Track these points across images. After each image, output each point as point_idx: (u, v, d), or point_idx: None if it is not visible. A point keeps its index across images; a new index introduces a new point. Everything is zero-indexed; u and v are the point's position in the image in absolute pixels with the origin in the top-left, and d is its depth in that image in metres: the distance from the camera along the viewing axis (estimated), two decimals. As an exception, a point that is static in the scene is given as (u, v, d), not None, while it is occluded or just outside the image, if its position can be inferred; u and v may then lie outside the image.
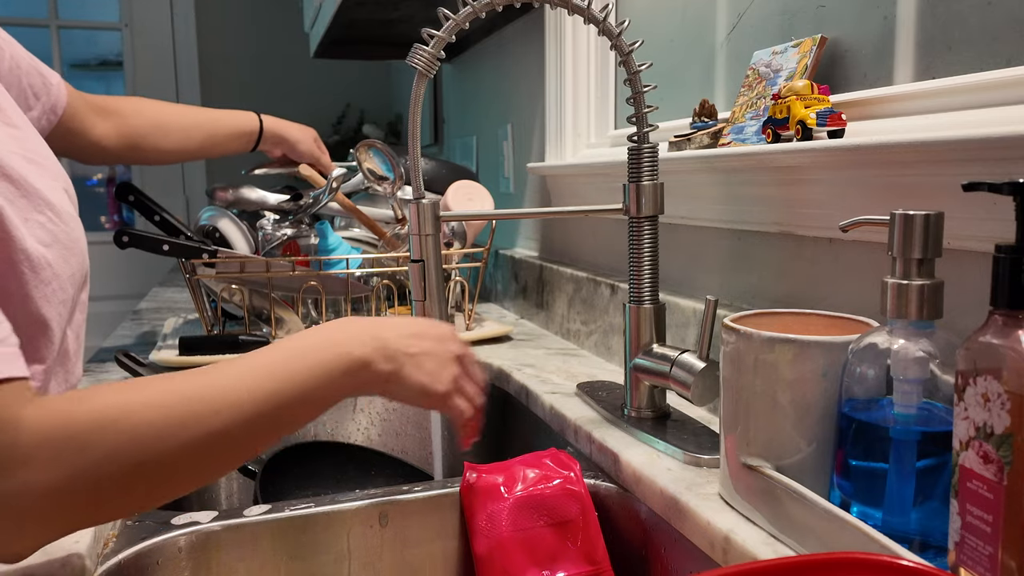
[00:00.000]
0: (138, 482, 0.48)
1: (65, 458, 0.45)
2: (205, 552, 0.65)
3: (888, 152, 0.61)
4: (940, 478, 0.48)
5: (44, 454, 0.44)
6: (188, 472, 0.51)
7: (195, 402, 0.49)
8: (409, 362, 0.60)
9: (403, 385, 0.60)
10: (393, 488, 0.72)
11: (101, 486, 0.46)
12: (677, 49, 1.03)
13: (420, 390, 0.60)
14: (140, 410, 0.48)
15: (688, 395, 0.73)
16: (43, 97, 0.85)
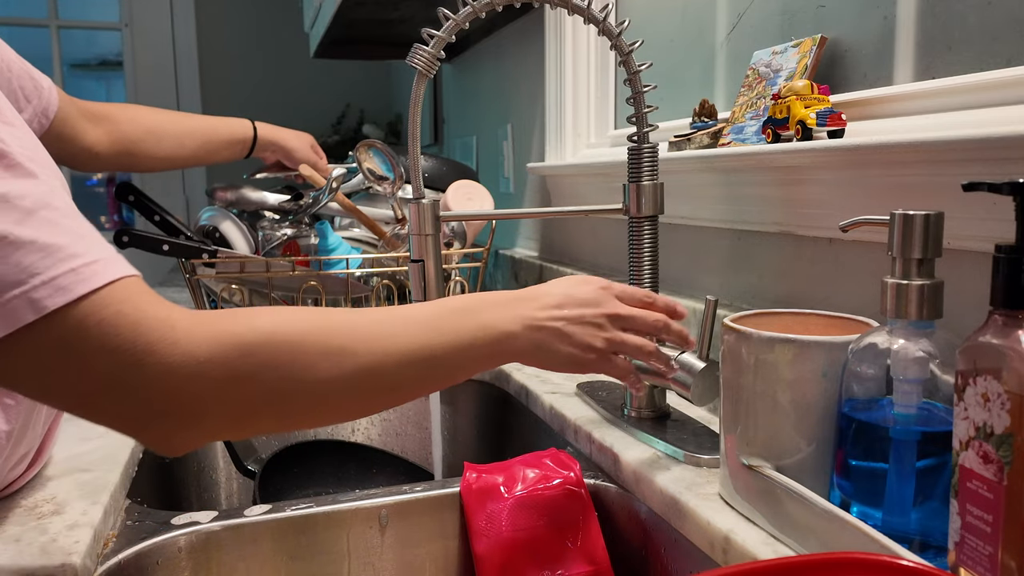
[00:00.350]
0: (292, 400, 0.50)
1: (230, 360, 0.47)
2: (205, 552, 0.65)
3: (888, 152, 0.61)
4: (940, 478, 0.48)
5: (209, 354, 0.46)
6: (335, 402, 0.52)
7: (353, 335, 0.51)
8: (554, 335, 0.60)
9: (552, 357, 0.60)
10: (393, 488, 0.72)
11: (257, 396, 0.48)
12: (677, 49, 1.03)
13: (569, 360, 0.61)
14: (303, 331, 0.50)
15: (688, 395, 0.73)
16: (34, 100, 0.85)
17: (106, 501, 0.65)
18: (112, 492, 0.67)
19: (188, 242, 1.12)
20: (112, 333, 0.44)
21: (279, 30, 3.11)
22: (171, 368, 0.45)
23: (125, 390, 0.45)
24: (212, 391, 0.46)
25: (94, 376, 0.44)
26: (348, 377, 0.51)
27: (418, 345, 0.54)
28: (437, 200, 0.74)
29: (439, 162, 1.41)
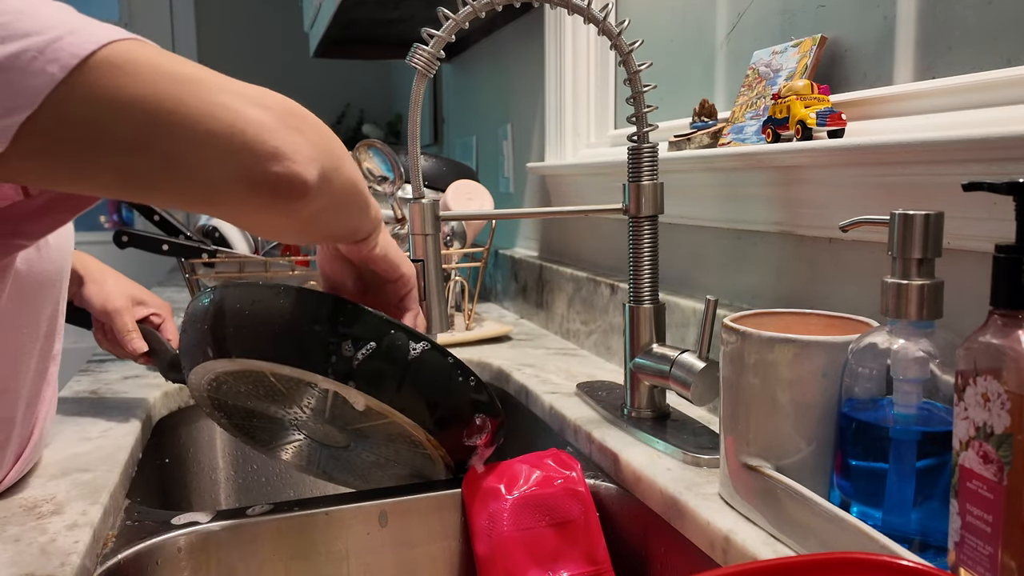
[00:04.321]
0: (346, 209, 0.55)
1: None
2: (205, 552, 0.65)
3: (888, 152, 0.61)
4: (940, 478, 0.48)
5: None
6: (354, 220, 0.59)
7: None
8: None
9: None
10: (393, 488, 0.72)
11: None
12: (677, 49, 1.03)
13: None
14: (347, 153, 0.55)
15: (688, 395, 0.73)
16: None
17: (106, 501, 0.65)
18: (112, 492, 0.67)
19: (187, 242, 1.12)
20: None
21: (279, 30, 3.11)
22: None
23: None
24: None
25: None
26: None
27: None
28: (437, 200, 0.74)
29: (439, 162, 1.41)
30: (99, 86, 0.40)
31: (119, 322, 0.88)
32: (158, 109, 0.41)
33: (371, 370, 0.62)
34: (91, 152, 0.41)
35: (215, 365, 0.66)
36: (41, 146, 0.40)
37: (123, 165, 0.41)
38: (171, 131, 0.41)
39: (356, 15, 1.68)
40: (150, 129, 0.41)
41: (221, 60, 3.10)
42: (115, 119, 0.40)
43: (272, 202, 0.45)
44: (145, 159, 0.41)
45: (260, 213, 0.47)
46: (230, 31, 3.12)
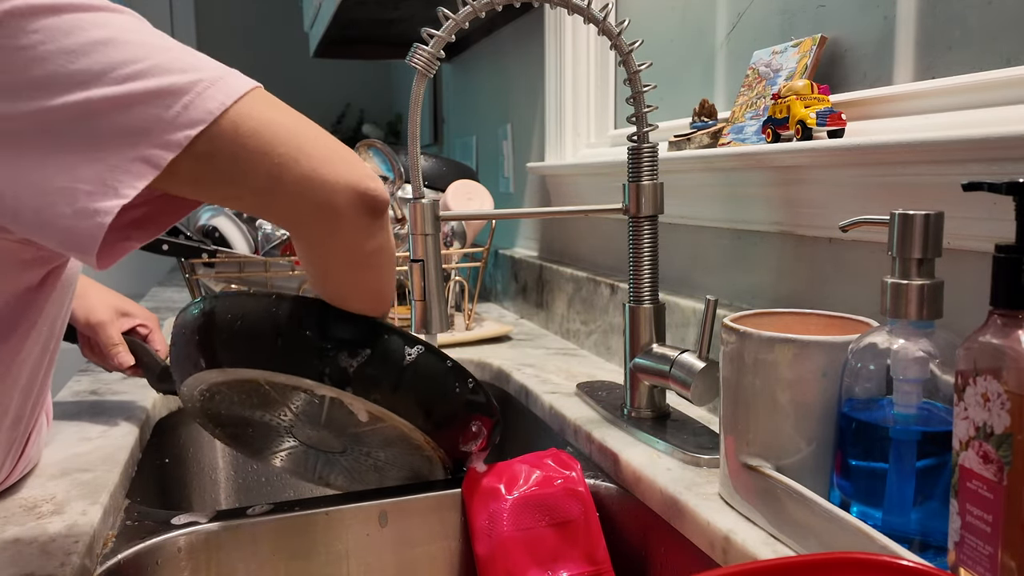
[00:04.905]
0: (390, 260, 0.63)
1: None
2: (205, 552, 0.65)
3: (888, 152, 0.61)
4: (940, 478, 0.48)
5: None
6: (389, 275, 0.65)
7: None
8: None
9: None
10: (393, 488, 0.72)
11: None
12: (677, 49, 1.03)
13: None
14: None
15: (688, 395, 0.73)
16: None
17: (106, 501, 0.65)
18: (112, 492, 0.67)
19: (187, 242, 1.12)
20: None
21: (279, 30, 3.10)
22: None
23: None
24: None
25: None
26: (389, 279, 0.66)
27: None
28: (437, 200, 0.74)
29: (439, 162, 1.41)
30: (258, 114, 0.51)
31: (104, 335, 0.88)
32: (302, 136, 0.53)
33: (367, 375, 0.62)
34: (249, 163, 0.51)
35: (207, 376, 0.65)
36: (205, 157, 0.49)
37: (273, 170, 0.52)
38: (311, 151, 0.53)
39: (356, 15, 1.68)
40: (297, 149, 0.52)
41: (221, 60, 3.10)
42: (272, 138, 0.51)
43: (366, 214, 0.56)
44: (291, 170, 0.52)
45: (354, 228, 0.57)
46: (230, 31, 3.11)
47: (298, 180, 0.53)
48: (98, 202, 0.46)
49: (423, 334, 0.76)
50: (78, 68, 0.46)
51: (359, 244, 0.58)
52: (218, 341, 0.64)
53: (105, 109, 0.46)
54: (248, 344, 0.63)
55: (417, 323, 0.75)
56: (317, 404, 0.68)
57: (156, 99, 0.47)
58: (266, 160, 0.51)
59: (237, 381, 0.66)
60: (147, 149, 0.47)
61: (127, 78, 0.47)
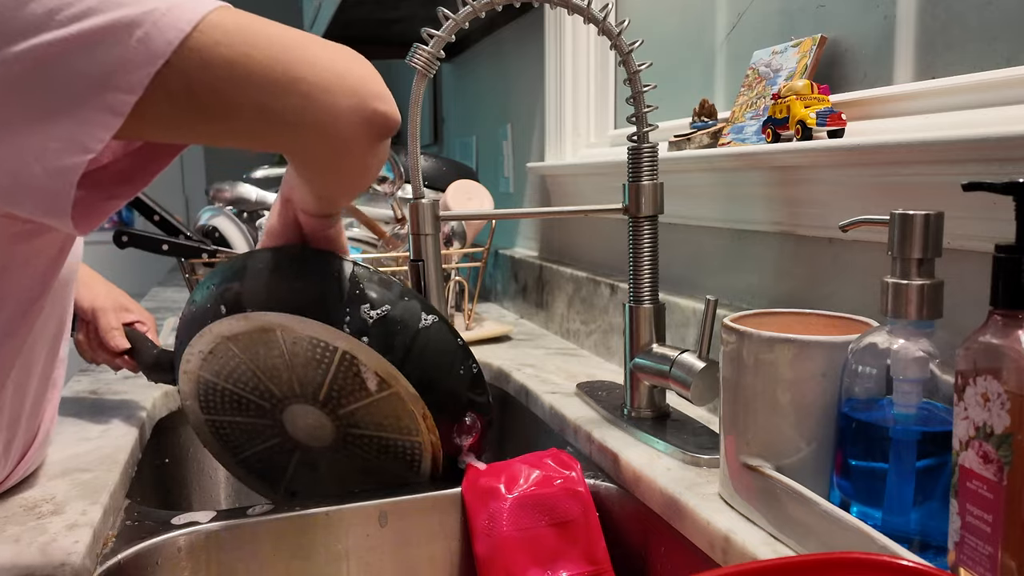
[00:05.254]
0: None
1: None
2: (205, 552, 0.65)
3: (888, 152, 0.61)
4: (940, 478, 0.48)
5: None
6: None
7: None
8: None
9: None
10: (393, 488, 0.72)
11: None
12: (677, 49, 1.03)
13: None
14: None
15: (688, 395, 0.73)
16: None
17: (106, 501, 0.65)
18: (112, 492, 0.67)
19: (188, 242, 1.12)
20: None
21: (279, 30, 3.10)
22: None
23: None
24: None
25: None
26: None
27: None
28: (437, 200, 0.74)
29: (439, 162, 1.41)
30: (226, 36, 0.45)
31: (104, 320, 0.89)
32: (289, 54, 0.46)
33: (385, 331, 0.64)
34: (230, 91, 0.45)
35: (222, 327, 0.67)
36: (174, 95, 0.44)
37: (261, 101, 0.46)
38: (301, 68, 0.46)
39: (356, 15, 1.68)
40: (286, 70, 0.46)
41: (221, 60, 3.11)
42: (250, 61, 0.45)
43: (376, 136, 0.51)
44: (283, 95, 0.46)
45: (362, 149, 0.52)
46: (230, 31, 3.11)
47: (293, 110, 0.47)
48: (66, 159, 0.43)
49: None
50: (24, 14, 0.42)
51: (364, 164, 0.55)
52: (246, 286, 0.66)
53: (58, 55, 0.42)
54: (275, 288, 0.65)
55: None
56: (324, 368, 0.68)
57: (110, 36, 0.42)
58: (249, 91, 0.45)
59: (249, 335, 0.67)
60: (110, 94, 0.43)
61: (75, 18, 0.42)
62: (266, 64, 0.45)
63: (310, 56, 0.47)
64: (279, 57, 0.46)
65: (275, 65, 0.46)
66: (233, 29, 0.45)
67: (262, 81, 0.45)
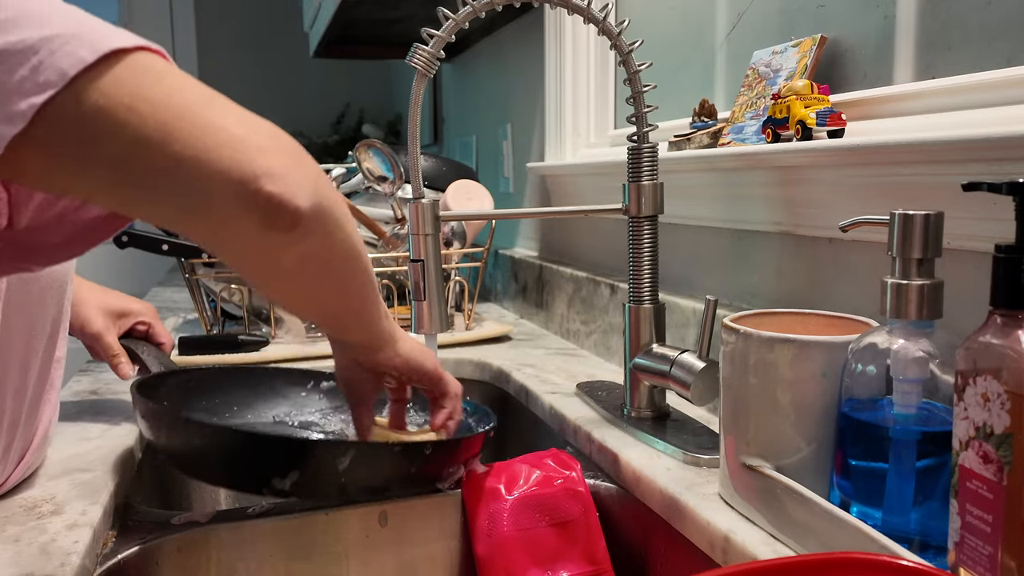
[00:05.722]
0: (341, 274, 0.54)
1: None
2: (205, 552, 0.65)
3: (888, 152, 0.61)
4: (940, 478, 0.48)
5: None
6: (352, 291, 0.57)
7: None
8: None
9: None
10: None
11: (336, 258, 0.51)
12: (677, 49, 1.03)
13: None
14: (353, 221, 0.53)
15: (688, 395, 0.73)
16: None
17: (105, 501, 0.65)
18: (112, 492, 0.67)
19: (188, 242, 1.12)
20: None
21: (279, 30, 3.11)
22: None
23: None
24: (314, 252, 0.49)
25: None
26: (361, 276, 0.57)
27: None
28: (437, 200, 0.74)
29: (439, 162, 1.41)
30: (123, 79, 0.40)
31: (102, 346, 0.87)
32: (173, 112, 0.41)
33: (305, 490, 0.64)
34: (100, 143, 0.40)
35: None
36: (55, 132, 0.40)
37: (127, 160, 0.41)
38: (180, 134, 0.41)
39: (356, 15, 1.68)
40: (161, 130, 0.41)
41: (221, 60, 3.11)
42: (130, 114, 0.40)
43: (261, 224, 0.44)
44: (149, 157, 0.41)
45: (248, 239, 0.45)
46: (230, 31, 3.12)
47: (163, 182, 0.41)
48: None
49: (422, 333, 0.76)
50: None
51: (266, 257, 0.47)
52: (169, 456, 0.69)
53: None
54: (196, 463, 0.68)
55: (417, 323, 0.75)
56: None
57: (5, 59, 0.38)
58: (118, 147, 0.40)
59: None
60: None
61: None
62: (147, 122, 0.40)
63: (200, 120, 0.42)
64: (163, 117, 0.41)
65: (155, 126, 0.41)
66: (128, 76, 0.40)
67: (129, 132, 0.40)
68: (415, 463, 0.66)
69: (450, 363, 1.11)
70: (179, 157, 0.41)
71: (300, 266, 0.48)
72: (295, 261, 0.47)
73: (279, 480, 0.62)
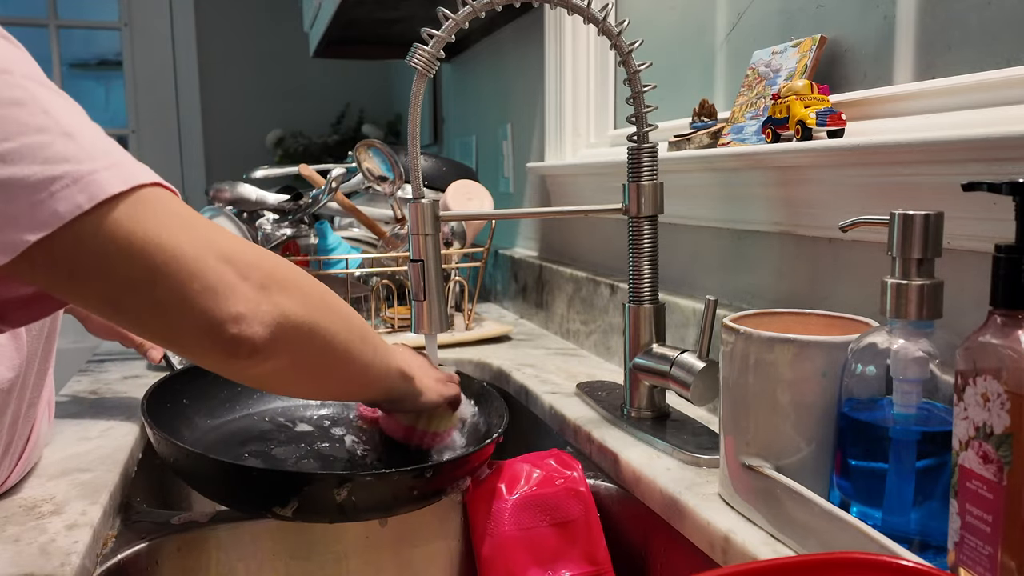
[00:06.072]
0: (320, 373, 0.58)
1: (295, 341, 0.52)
2: (205, 552, 0.65)
3: (888, 152, 0.61)
4: (940, 478, 0.48)
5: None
6: (350, 381, 0.62)
7: (364, 330, 0.60)
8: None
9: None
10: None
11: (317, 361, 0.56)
12: (677, 49, 1.03)
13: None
14: (343, 309, 0.58)
15: (688, 395, 0.73)
16: None
17: (105, 501, 0.65)
18: (111, 492, 0.67)
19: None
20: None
21: (278, 30, 3.10)
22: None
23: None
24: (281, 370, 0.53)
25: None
26: (362, 361, 0.61)
27: (384, 358, 0.64)
28: (436, 200, 0.74)
29: (439, 162, 1.41)
30: (116, 225, 0.43)
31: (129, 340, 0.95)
32: (164, 255, 0.45)
33: (307, 515, 0.64)
34: (90, 281, 0.44)
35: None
36: (47, 266, 0.43)
37: (113, 298, 0.45)
38: (166, 281, 0.45)
39: (356, 15, 1.68)
40: (150, 273, 0.44)
41: (221, 60, 3.11)
42: (121, 258, 0.44)
43: (225, 356, 0.49)
44: (134, 298, 0.45)
45: (219, 365, 0.50)
46: (230, 31, 3.11)
47: (142, 309, 0.46)
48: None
49: (422, 333, 0.76)
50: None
51: (236, 374, 0.53)
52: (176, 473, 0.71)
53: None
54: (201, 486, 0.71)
55: (417, 323, 0.75)
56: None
57: (7, 190, 0.41)
58: (104, 283, 0.44)
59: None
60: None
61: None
62: (136, 266, 0.44)
63: (188, 265, 0.45)
64: (154, 261, 0.44)
65: (145, 269, 0.44)
66: (123, 220, 0.43)
67: (123, 283, 0.44)
68: (417, 486, 0.65)
69: (450, 363, 1.11)
70: (163, 302, 0.45)
71: (273, 377, 0.54)
72: (266, 375, 0.53)
73: (280, 508, 0.63)
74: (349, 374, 0.60)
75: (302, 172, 1.27)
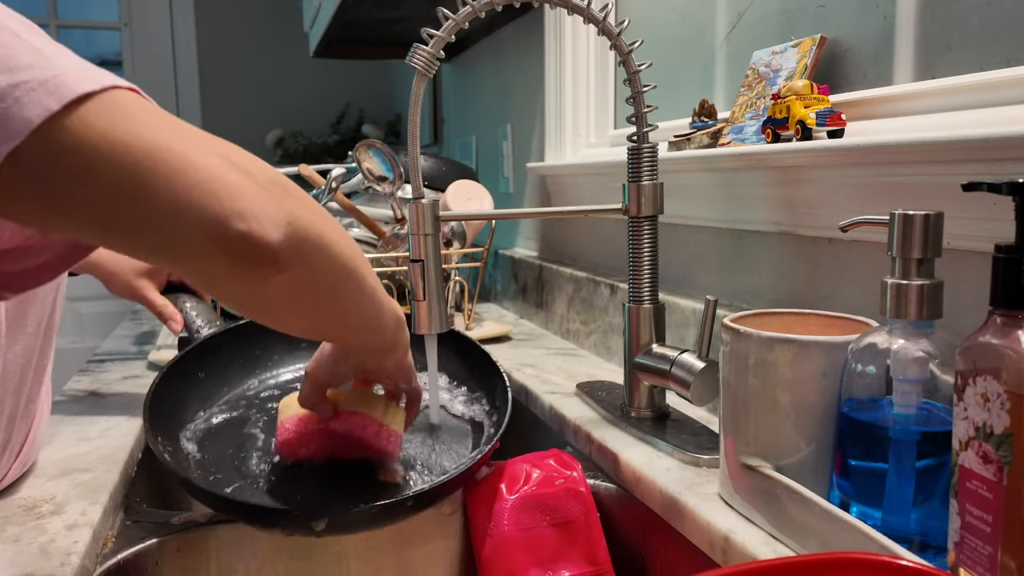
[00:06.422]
0: (333, 297, 0.51)
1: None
2: (204, 552, 0.65)
3: (888, 152, 0.61)
4: (940, 478, 0.48)
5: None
6: (362, 308, 0.56)
7: (366, 265, 0.55)
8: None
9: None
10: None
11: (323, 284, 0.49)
12: (677, 49, 1.03)
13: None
14: (346, 239, 0.52)
15: (688, 395, 0.73)
16: None
17: (105, 501, 0.65)
18: (111, 492, 0.67)
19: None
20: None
21: (279, 30, 3.10)
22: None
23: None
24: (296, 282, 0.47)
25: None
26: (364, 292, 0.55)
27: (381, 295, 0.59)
28: (436, 200, 0.74)
29: (439, 162, 1.41)
30: (92, 123, 0.40)
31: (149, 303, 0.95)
32: (145, 152, 0.40)
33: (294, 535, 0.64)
34: (71, 189, 0.40)
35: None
36: (23, 179, 0.39)
37: (99, 204, 0.41)
38: (151, 176, 0.40)
39: (356, 15, 1.68)
40: (133, 172, 0.40)
41: (221, 60, 3.11)
42: (100, 159, 0.40)
43: (234, 263, 0.43)
44: (122, 205, 0.41)
45: (227, 278, 0.45)
46: (230, 31, 3.11)
47: (130, 214, 0.41)
48: None
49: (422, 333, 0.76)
50: None
51: (246, 292, 0.46)
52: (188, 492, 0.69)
53: None
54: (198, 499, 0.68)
55: (417, 323, 0.75)
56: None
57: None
58: (86, 188, 0.40)
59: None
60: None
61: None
62: (118, 165, 0.40)
63: (173, 160, 0.41)
64: (135, 158, 0.40)
65: (127, 168, 0.40)
66: (97, 120, 0.40)
67: (105, 185, 0.40)
68: (398, 517, 0.65)
69: (450, 363, 1.11)
70: (154, 203, 0.41)
71: (284, 297, 0.48)
72: (277, 293, 0.47)
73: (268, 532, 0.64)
74: (362, 299, 0.55)
75: (302, 172, 1.27)
